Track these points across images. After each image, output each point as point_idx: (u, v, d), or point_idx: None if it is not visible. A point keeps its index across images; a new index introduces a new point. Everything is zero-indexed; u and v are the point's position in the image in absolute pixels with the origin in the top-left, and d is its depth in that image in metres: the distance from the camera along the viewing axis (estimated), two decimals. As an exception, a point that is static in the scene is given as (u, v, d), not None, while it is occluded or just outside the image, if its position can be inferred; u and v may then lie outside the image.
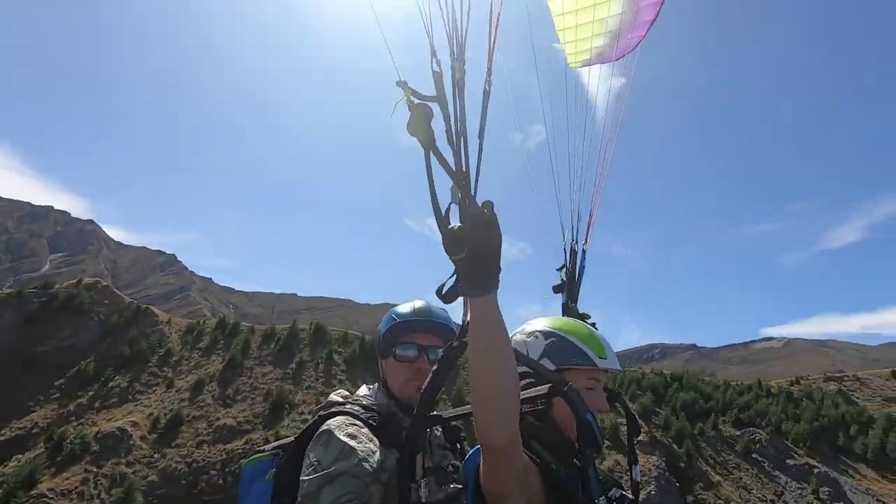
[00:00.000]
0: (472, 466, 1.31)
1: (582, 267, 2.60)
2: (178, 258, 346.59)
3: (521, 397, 1.31)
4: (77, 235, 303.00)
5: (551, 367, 1.47)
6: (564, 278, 2.56)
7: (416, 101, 1.24)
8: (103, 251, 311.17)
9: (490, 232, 1.10)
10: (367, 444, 1.48)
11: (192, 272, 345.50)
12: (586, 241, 2.63)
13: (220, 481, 26.03)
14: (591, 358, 1.48)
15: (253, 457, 1.70)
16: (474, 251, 1.09)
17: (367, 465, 1.43)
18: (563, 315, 2.46)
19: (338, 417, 1.56)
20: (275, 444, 1.74)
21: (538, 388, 1.40)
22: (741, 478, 37.59)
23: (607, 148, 2.62)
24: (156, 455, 27.28)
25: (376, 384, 1.80)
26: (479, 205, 1.15)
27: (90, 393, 33.70)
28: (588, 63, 3.28)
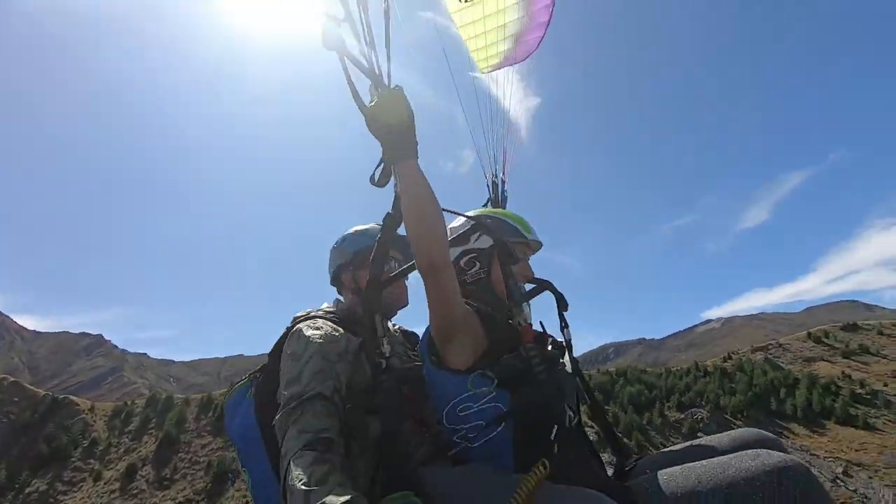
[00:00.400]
0: (425, 334, 1.52)
1: (504, 196, 2.95)
2: (106, 337, 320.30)
3: (463, 261, 1.66)
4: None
5: (489, 241, 1.67)
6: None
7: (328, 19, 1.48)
8: (16, 343, 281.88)
9: (400, 104, 1.36)
10: (331, 333, 1.65)
11: (123, 350, 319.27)
12: (504, 173, 2.99)
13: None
14: (522, 233, 1.73)
15: (234, 387, 1.79)
16: (390, 123, 1.34)
17: (333, 346, 1.59)
18: None
19: (303, 321, 1.71)
20: (250, 372, 1.83)
21: (465, 229, 1.71)
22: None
23: (514, 90, 3.25)
24: (86, 559, 24.80)
25: (336, 299, 1.98)
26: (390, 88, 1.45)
27: (4, 503, 30.24)
28: (498, 66, 3.55)
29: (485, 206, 2.79)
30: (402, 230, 1.50)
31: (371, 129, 1.38)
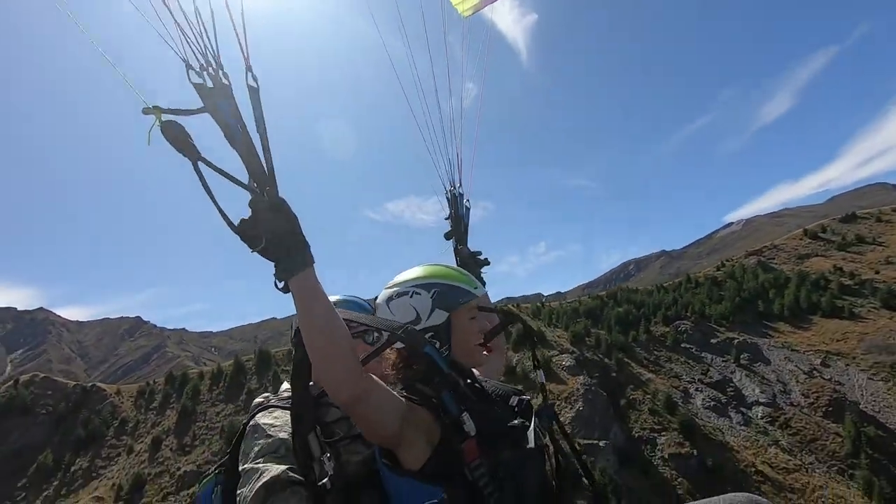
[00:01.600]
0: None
1: (465, 209, 2.68)
2: (144, 319, 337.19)
3: (370, 352, 1.43)
4: (30, 327, 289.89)
5: (445, 314, 1.58)
6: (452, 224, 2.65)
7: (167, 119, 1.21)
8: (64, 335, 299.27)
9: (279, 215, 1.17)
10: (286, 422, 1.56)
11: (162, 328, 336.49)
12: (460, 184, 2.71)
13: (190, 523, 27.80)
14: (471, 291, 1.64)
15: (202, 482, 1.76)
16: (270, 238, 1.16)
17: (287, 438, 1.52)
18: (456, 257, 2.59)
19: (259, 413, 1.66)
20: (216, 465, 1.79)
21: (379, 340, 1.57)
22: (672, 368, 41.63)
23: (459, 100, 2.71)
24: (124, 520, 28.82)
25: None
26: (262, 194, 1.21)
27: (55, 483, 34.60)
28: (478, 8, 3.24)
29: (447, 219, 2.67)
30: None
31: (249, 246, 1.20)
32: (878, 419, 34.65)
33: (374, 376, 1.30)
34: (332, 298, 1.83)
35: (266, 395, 1.85)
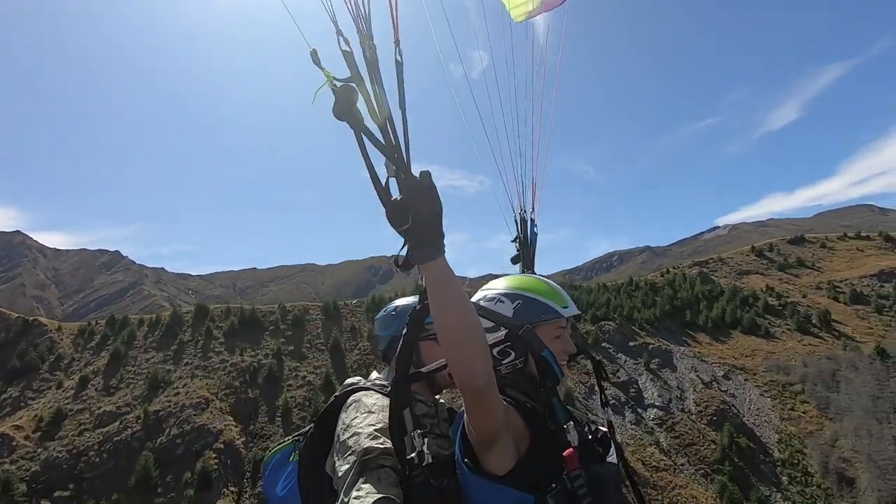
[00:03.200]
0: (458, 426, 1.48)
1: (534, 234, 2.61)
2: (123, 254, 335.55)
3: (496, 351, 1.52)
4: (5, 249, 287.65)
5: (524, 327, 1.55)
6: (519, 248, 2.60)
7: (339, 83, 1.22)
8: (40, 261, 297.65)
9: (429, 199, 1.18)
10: (384, 406, 1.61)
11: (141, 265, 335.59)
12: (533, 210, 2.63)
13: (98, 459, 30.04)
14: (557, 310, 1.61)
15: (275, 448, 1.80)
16: (417, 220, 1.17)
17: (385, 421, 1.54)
18: None
19: (359, 392, 1.72)
20: (293, 435, 1.83)
21: (496, 334, 1.54)
22: (586, 365, 44.20)
23: (543, 122, 2.61)
24: (38, 449, 30.89)
25: (387, 369, 1.97)
26: (417, 176, 1.20)
27: (-15, 407, 36.53)
28: (531, 16, 3.14)
29: (513, 241, 2.62)
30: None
31: (393, 224, 1.20)
32: (755, 432, 37.72)
33: None
34: (411, 298, 1.99)
35: (358, 377, 1.90)
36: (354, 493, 1.38)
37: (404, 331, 1.48)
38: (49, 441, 31.62)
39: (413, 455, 1.38)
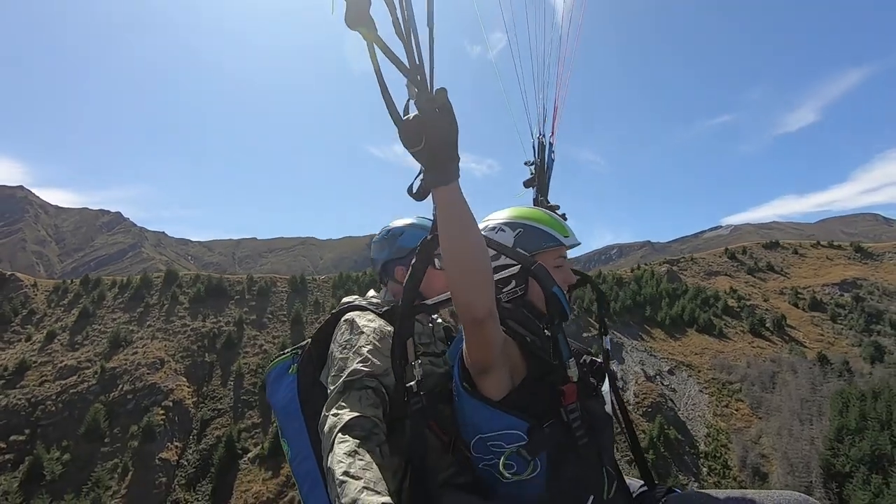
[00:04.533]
0: (456, 350, 1.50)
1: (551, 160, 2.59)
2: (125, 215, 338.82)
3: (497, 278, 1.53)
4: (7, 204, 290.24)
5: (525, 255, 1.57)
6: (534, 172, 2.58)
7: None
8: (41, 217, 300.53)
9: (445, 119, 1.12)
10: (382, 327, 1.70)
11: (142, 228, 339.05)
12: (552, 134, 2.61)
13: (54, 408, 32.06)
14: (558, 238, 1.64)
15: (275, 360, 1.84)
16: (431, 140, 1.11)
17: (384, 342, 1.64)
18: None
19: (353, 311, 1.77)
20: (292, 348, 1.88)
21: (510, 268, 1.57)
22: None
23: (568, 44, 2.48)
24: (0, 396, 32.93)
25: (383, 289, 2.01)
26: (433, 94, 1.14)
27: (-44, 354, 38.56)
28: None
29: (528, 164, 2.59)
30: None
31: (406, 145, 1.15)
32: (686, 426, 39.43)
33: None
34: (405, 220, 1.99)
35: (354, 296, 1.94)
36: (334, 410, 1.43)
37: (413, 260, 1.46)
38: (10, 389, 33.61)
39: (412, 383, 1.40)
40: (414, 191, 1.23)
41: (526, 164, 2.61)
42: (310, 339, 1.81)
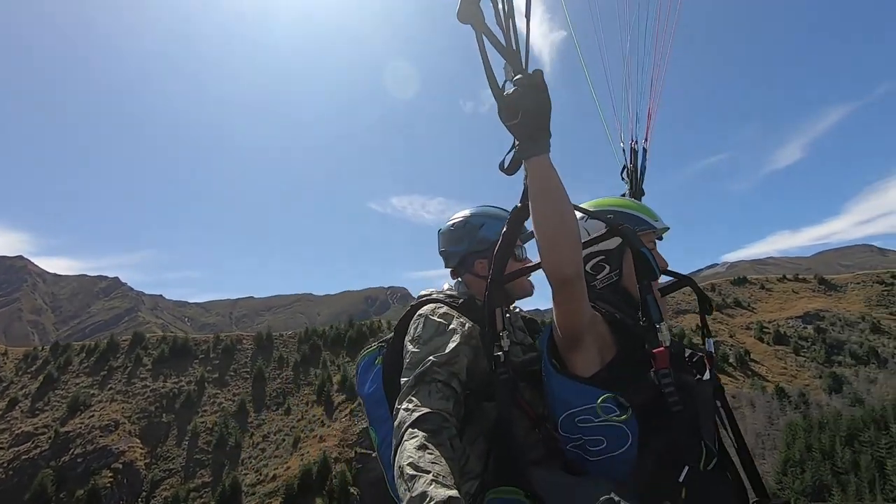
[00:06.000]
0: (546, 334, 1.45)
1: (643, 166, 2.49)
2: (122, 280, 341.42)
3: (590, 266, 1.56)
4: (6, 274, 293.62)
5: (618, 240, 1.55)
6: (626, 178, 2.48)
7: None
8: (39, 286, 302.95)
9: (540, 94, 1.20)
10: (456, 319, 1.66)
11: (139, 292, 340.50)
12: (646, 139, 2.51)
13: (4, 475, 32.48)
14: (649, 222, 1.62)
15: (364, 352, 1.88)
16: (527, 113, 1.20)
17: (457, 334, 1.59)
18: None
19: (427, 305, 1.75)
20: (379, 340, 1.91)
21: (604, 251, 1.57)
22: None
23: (663, 39, 2.39)
24: (-46, 464, 33.40)
25: (457, 280, 1.94)
26: (530, 73, 1.23)
27: (-82, 426, 39.15)
28: None
29: (621, 173, 2.50)
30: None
31: (504, 119, 1.25)
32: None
33: None
34: (473, 210, 1.95)
35: (431, 289, 1.94)
36: (405, 405, 1.44)
37: (504, 229, 1.48)
38: (-35, 458, 34.12)
39: (500, 353, 1.40)
40: (506, 165, 1.32)
41: (621, 172, 2.53)
42: (393, 332, 1.84)
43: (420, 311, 1.73)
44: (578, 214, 1.54)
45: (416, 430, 1.35)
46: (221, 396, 42.51)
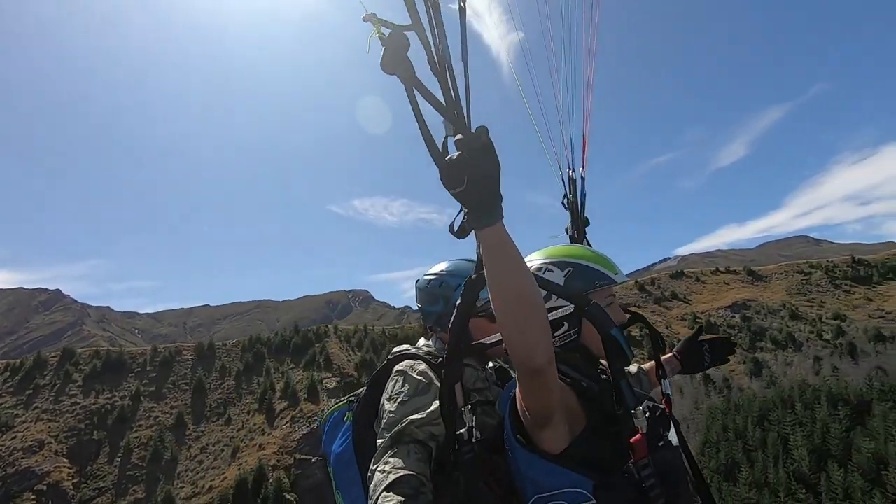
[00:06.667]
0: (507, 399, 1.35)
1: (583, 194, 2.46)
2: (65, 293, 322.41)
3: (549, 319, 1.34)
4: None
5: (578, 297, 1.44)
6: (567, 206, 2.46)
7: (388, 31, 1.07)
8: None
9: (488, 159, 1.05)
10: (434, 380, 1.62)
11: (84, 304, 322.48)
12: (583, 167, 2.47)
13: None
14: (609, 276, 1.54)
15: (332, 407, 1.81)
16: (474, 181, 1.04)
17: (434, 395, 1.56)
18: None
19: (406, 361, 1.71)
20: (348, 395, 1.85)
21: (563, 308, 1.44)
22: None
23: (588, 68, 2.41)
24: None
25: (433, 336, 1.90)
26: (473, 132, 1.07)
27: None
28: None
29: (562, 201, 2.47)
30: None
31: (447, 186, 1.07)
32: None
33: None
34: (450, 265, 1.92)
35: (407, 345, 1.89)
36: (381, 466, 1.39)
37: (458, 301, 1.35)
38: None
39: (463, 431, 1.34)
40: (455, 229, 1.18)
41: (561, 203, 2.48)
42: (365, 387, 1.79)
43: (398, 367, 1.70)
44: (539, 263, 1.56)
45: (391, 493, 1.32)
46: (158, 410, 41.45)
